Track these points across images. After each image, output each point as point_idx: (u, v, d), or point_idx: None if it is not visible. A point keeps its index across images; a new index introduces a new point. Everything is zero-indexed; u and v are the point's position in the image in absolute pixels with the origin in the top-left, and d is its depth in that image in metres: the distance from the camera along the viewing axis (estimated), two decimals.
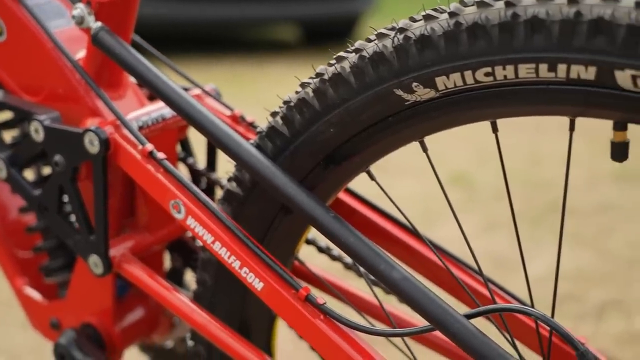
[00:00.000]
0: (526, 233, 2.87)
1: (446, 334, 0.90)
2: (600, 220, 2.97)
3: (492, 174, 3.39)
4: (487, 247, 2.78)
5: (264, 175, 0.99)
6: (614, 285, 2.53)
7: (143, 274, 1.15)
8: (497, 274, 2.63)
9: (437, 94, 0.89)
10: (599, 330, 2.30)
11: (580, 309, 2.41)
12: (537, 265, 2.65)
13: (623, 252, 2.71)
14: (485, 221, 2.97)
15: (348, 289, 1.23)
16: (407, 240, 1.14)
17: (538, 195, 3.19)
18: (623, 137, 0.85)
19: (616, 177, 3.35)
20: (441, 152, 3.61)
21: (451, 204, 0.99)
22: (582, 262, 2.68)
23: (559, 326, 0.87)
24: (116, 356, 1.26)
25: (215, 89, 1.24)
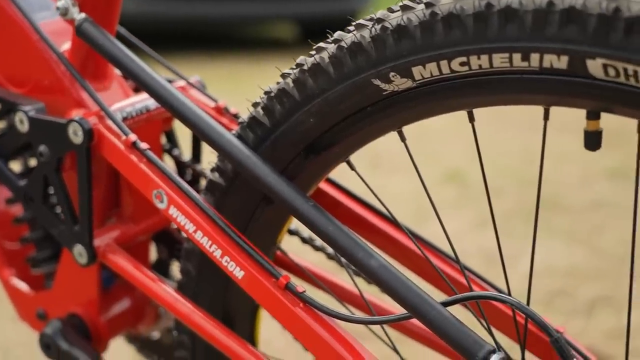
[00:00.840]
0: (519, 229, 2.88)
1: (423, 321, 0.91)
2: (593, 217, 2.98)
3: (487, 172, 3.39)
4: (480, 243, 2.79)
5: (244, 165, 1.00)
6: (605, 281, 2.54)
7: (127, 264, 1.16)
8: (489, 270, 2.65)
9: (414, 84, 0.90)
10: (589, 325, 2.31)
11: (571, 305, 2.42)
12: (529, 261, 2.66)
13: (615, 249, 2.72)
14: (478, 218, 2.98)
15: (330, 278, 1.24)
16: (387, 230, 1.15)
17: (532, 192, 3.19)
18: (596, 126, 0.86)
19: (610, 174, 3.36)
20: (435, 150, 3.63)
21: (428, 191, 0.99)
22: (575, 259, 2.68)
23: (534, 313, 0.88)
24: (102, 346, 1.27)
25: (199, 80, 1.25)
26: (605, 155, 3.52)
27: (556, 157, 3.60)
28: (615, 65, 0.78)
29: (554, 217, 2.98)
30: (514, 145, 3.69)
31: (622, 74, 0.79)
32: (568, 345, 0.87)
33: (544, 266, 2.63)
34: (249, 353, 1.08)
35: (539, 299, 2.45)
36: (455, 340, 0.89)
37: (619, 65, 0.78)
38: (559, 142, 3.68)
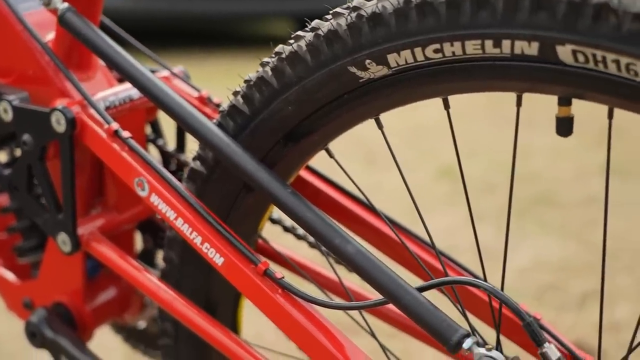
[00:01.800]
0: (512, 225, 2.87)
1: (398, 306, 0.92)
2: (586, 212, 2.99)
3: (481, 167, 3.41)
4: (473, 239, 2.79)
5: (224, 153, 1.01)
6: (596, 276, 2.54)
7: (111, 252, 1.17)
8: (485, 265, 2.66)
9: (389, 71, 0.91)
10: (580, 319, 2.32)
11: (562, 299, 2.43)
12: (522, 256, 2.67)
13: (607, 244, 2.72)
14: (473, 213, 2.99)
15: (312, 267, 1.25)
16: (367, 218, 1.16)
17: (525, 187, 3.20)
18: (567, 112, 0.87)
19: (604, 170, 3.36)
20: (430, 146, 3.63)
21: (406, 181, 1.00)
22: (566, 254, 2.69)
23: (507, 298, 0.89)
24: (87, 335, 1.28)
25: (183, 71, 1.26)
26: (600, 152, 3.52)
27: (551, 153, 3.61)
28: (584, 51, 0.79)
29: (547, 213, 2.99)
30: (510, 142, 3.68)
31: (591, 60, 0.80)
32: (540, 330, 0.87)
33: (536, 261, 2.64)
34: (232, 340, 1.09)
35: (530, 293, 2.46)
36: (430, 325, 0.90)
37: (587, 51, 0.79)
38: (554, 139, 3.69)
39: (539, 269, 2.59)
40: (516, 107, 0.90)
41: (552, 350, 0.87)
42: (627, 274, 2.56)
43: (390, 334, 1.61)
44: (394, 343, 1.78)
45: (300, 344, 0.98)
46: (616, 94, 0.81)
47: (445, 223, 2.86)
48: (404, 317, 1.05)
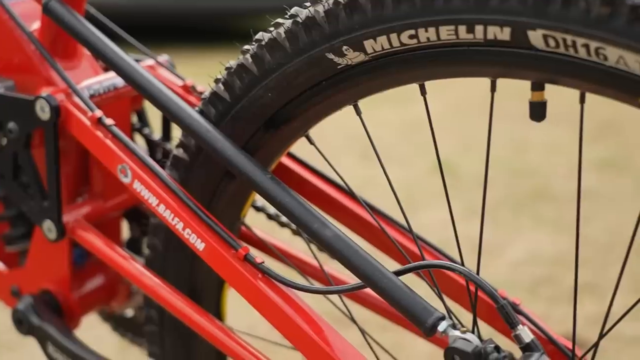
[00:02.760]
0: (508, 219, 2.90)
1: (375, 290, 0.93)
2: (581, 207, 2.99)
3: (476, 162, 3.41)
4: (468, 232, 2.80)
5: (205, 139, 1.02)
6: (589, 269, 2.55)
7: (96, 239, 1.18)
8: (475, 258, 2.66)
9: (366, 57, 0.92)
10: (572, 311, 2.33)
11: (555, 292, 2.44)
12: (517, 250, 2.68)
13: (600, 238, 2.73)
14: (467, 208, 2.99)
15: (295, 253, 1.26)
16: (348, 204, 1.17)
17: (521, 182, 3.21)
18: (540, 97, 0.88)
19: (600, 165, 3.37)
20: (427, 141, 3.64)
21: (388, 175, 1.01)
22: (560, 247, 2.70)
23: (482, 281, 0.90)
24: (74, 322, 1.29)
25: (168, 60, 1.27)
26: (597, 146, 3.53)
27: (547, 148, 3.62)
28: (555, 35, 0.80)
29: (542, 207, 3.00)
30: (505, 137, 3.70)
31: (561, 45, 0.81)
32: (514, 313, 0.89)
33: (530, 255, 2.65)
34: (216, 327, 1.10)
35: (524, 287, 2.47)
36: (406, 308, 0.91)
37: (558, 36, 0.80)
38: (550, 133, 3.70)
39: (533, 262, 2.60)
40: (490, 92, 0.91)
41: (525, 332, 0.89)
42: (620, 267, 2.57)
43: (382, 327, 1.62)
44: (386, 336, 1.79)
45: (280, 328, 0.99)
46: (587, 78, 0.82)
47: (439, 217, 2.87)
48: (381, 301, 1.06)
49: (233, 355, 1.08)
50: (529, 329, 0.89)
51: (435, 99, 0.98)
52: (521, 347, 0.89)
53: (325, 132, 3.62)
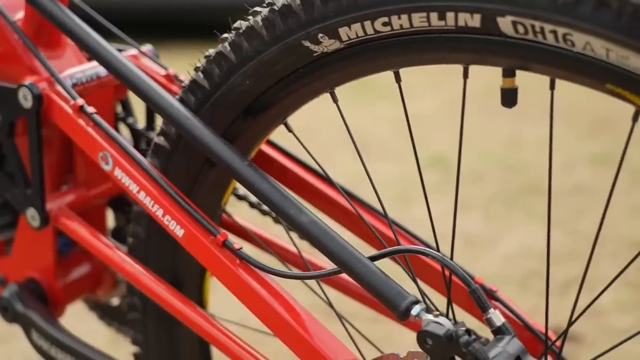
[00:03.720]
0: (500, 213, 2.90)
1: (350, 275, 0.94)
2: (574, 201, 3.00)
3: (471, 157, 3.42)
4: (460, 226, 2.81)
5: (184, 127, 1.03)
6: (580, 263, 2.56)
7: (79, 227, 1.20)
8: (468, 252, 2.68)
9: (342, 45, 0.93)
10: (562, 305, 2.34)
11: (544, 285, 2.44)
12: (508, 244, 2.69)
13: (592, 232, 2.73)
14: (459, 202, 3.01)
15: (275, 241, 1.27)
16: (327, 192, 1.19)
17: (514, 177, 3.22)
18: (511, 83, 0.89)
19: (593, 160, 3.38)
20: (422, 136, 3.65)
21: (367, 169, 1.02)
22: (552, 242, 2.70)
23: (455, 266, 0.91)
24: (59, 310, 1.30)
25: (151, 49, 1.28)
26: (591, 142, 3.54)
27: (540, 143, 3.62)
28: (524, 22, 0.81)
29: (534, 202, 3.01)
30: (500, 133, 3.71)
31: (530, 31, 0.82)
32: (485, 297, 0.90)
33: (521, 248, 2.66)
34: (197, 314, 1.11)
35: (515, 280, 2.49)
36: (380, 292, 0.92)
37: (527, 22, 0.81)
38: (544, 129, 3.70)
39: (524, 256, 2.61)
40: (463, 79, 0.92)
41: (496, 315, 0.90)
42: (611, 261, 2.58)
43: (372, 319, 1.63)
44: (376, 328, 1.81)
45: (257, 313, 1.01)
46: (556, 64, 0.83)
47: (433, 211, 2.88)
48: (357, 286, 1.07)
49: (214, 341, 1.09)
50: (501, 313, 0.90)
51: (430, 95, 0.99)
52: (493, 330, 0.90)
53: (320, 127, 3.64)
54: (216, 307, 1.23)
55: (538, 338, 1.08)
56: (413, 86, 4.09)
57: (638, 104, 0.80)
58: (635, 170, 3.16)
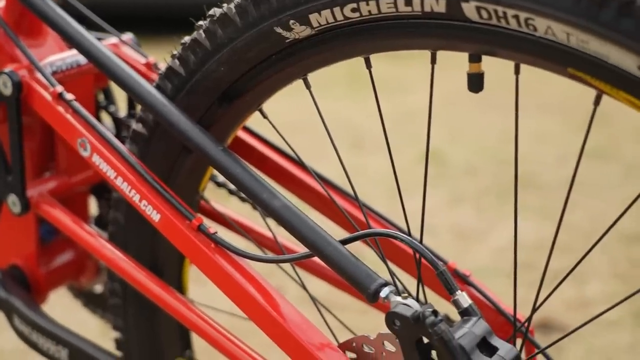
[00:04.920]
0: (493, 206, 2.92)
1: (321, 258, 0.95)
2: (565, 194, 3.02)
3: (464, 152, 3.44)
4: (453, 220, 2.83)
5: (160, 113, 1.05)
6: (570, 255, 2.56)
7: (60, 213, 1.21)
8: (459, 244, 2.69)
9: (313, 31, 0.95)
10: (551, 296, 2.35)
11: (536, 277, 2.44)
12: (500, 237, 2.70)
13: (583, 225, 2.75)
14: (452, 195, 3.02)
15: (253, 227, 1.29)
16: (302, 177, 1.20)
17: (508, 171, 3.23)
18: (477, 68, 0.90)
19: (587, 154, 3.39)
20: (416, 130, 3.66)
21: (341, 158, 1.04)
22: (543, 234, 2.72)
23: (423, 249, 0.92)
24: (41, 297, 1.32)
25: (132, 38, 1.30)
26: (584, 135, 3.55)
27: (535, 137, 3.63)
28: (487, 7, 0.82)
29: (527, 195, 3.02)
30: (494, 127, 3.72)
31: (494, 16, 0.83)
32: (453, 279, 0.91)
33: (512, 240, 2.67)
34: (176, 300, 1.13)
35: (505, 272, 2.50)
36: (351, 275, 0.94)
37: (490, 8, 0.82)
38: (539, 123, 3.72)
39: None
40: (431, 64, 0.93)
41: (463, 297, 0.91)
42: (601, 253, 2.60)
43: (362, 311, 1.65)
44: (366, 319, 1.82)
45: (231, 296, 1.02)
46: (520, 49, 0.84)
47: (426, 205, 2.90)
48: (329, 269, 1.08)
49: (192, 326, 1.11)
50: (470, 297, 0.92)
51: (425, 90, 1.00)
52: (460, 312, 0.91)
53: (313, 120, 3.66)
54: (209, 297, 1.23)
55: (508, 320, 1.09)
56: (408, 81, 4.11)
57: (599, 87, 0.81)
58: (628, 165, 3.18)
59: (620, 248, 2.63)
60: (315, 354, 0.96)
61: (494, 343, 0.89)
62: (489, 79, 0.93)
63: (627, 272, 2.47)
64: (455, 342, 0.87)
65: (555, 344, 0.99)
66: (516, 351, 0.89)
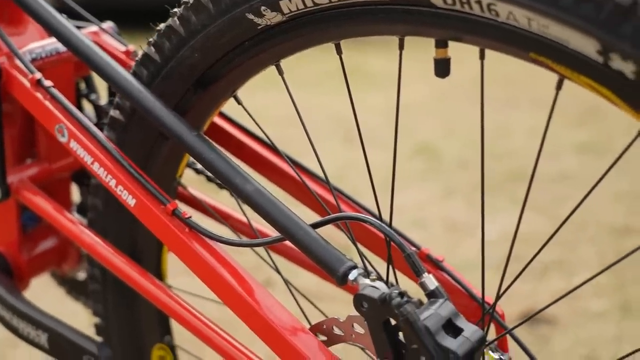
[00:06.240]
0: (485, 200, 2.92)
1: (292, 241, 0.97)
2: (557, 188, 3.03)
3: (457, 145, 3.45)
4: (444, 213, 2.85)
5: (136, 100, 1.06)
6: (559, 247, 2.59)
7: (40, 199, 1.22)
8: (450, 237, 2.70)
9: (284, 18, 0.96)
10: (539, 287, 2.37)
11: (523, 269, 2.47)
12: (491, 230, 2.72)
13: (573, 217, 2.76)
14: (445, 189, 3.04)
15: (230, 213, 1.30)
16: (276, 162, 1.21)
17: (500, 165, 3.25)
18: (444, 54, 0.91)
19: (579, 148, 3.41)
20: (409, 124, 3.67)
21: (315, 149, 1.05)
22: (533, 227, 2.72)
23: (391, 232, 0.93)
24: (23, 283, 1.33)
25: (112, 26, 1.31)
26: (578, 130, 3.57)
27: (528, 132, 3.65)
28: None
29: (519, 189, 3.04)
30: (489, 121, 3.73)
31: (457, 2, 0.84)
32: (420, 262, 0.92)
33: (502, 233, 2.68)
34: (155, 286, 1.14)
35: (494, 264, 2.50)
36: (320, 258, 0.95)
37: None
38: (532, 118, 3.73)
39: (505, 241, 2.64)
40: (399, 49, 0.94)
41: (429, 280, 0.92)
42: (590, 246, 2.62)
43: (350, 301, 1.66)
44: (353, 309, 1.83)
45: (205, 280, 1.03)
46: (484, 34, 0.85)
47: (417, 198, 2.92)
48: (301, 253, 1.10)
49: (170, 312, 1.12)
50: (436, 279, 0.93)
51: (419, 84, 1.01)
52: (426, 294, 0.92)
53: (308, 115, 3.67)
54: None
55: (477, 303, 1.11)
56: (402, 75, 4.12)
57: (560, 72, 0.83)
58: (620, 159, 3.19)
59: (609, 241, 2.65)
60: (287, 336, 0.97)
61: (459, 324, 0.90)
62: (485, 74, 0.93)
63: (616, 265, 2.49)
64: (421, 323, 0.88)
65: (522, 324, 1.00)
66: (481, 332, 0.90)
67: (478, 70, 0.89)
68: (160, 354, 1.28)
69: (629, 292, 2.33)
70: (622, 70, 0.77)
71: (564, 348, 2.11)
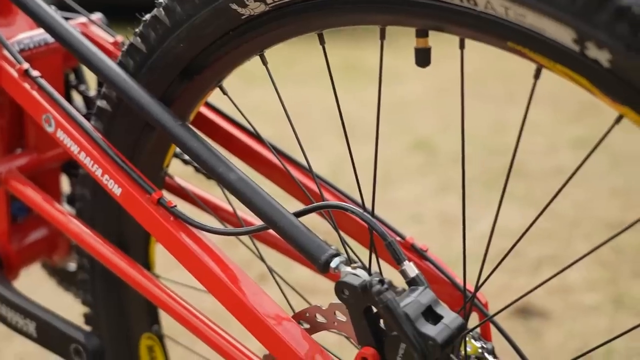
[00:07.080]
0: (480, 194, 2.93)
1: (275, 229, 0.97)
2: (552, 183, 3.03)
3: (454, 141, 3.45)
4: (440, 207, 2.85)
5: (122, 90, 1.07)
6: (553, 242, 2.59)
7: (29, 189, 1.23)
8: (445, 231, 2.71)
9: (267, 8, 0.97)
10: (533, 282, 2.37)
11: (518, 264, 2.47)
12: (483, 224, 2.72)
13: (568, 213, 2.77)
14: (441, 184, 3.04)
15: (216, 202, 1.31)
16: (262, 151, 1.22)
17: (496, 160, 3.25)
18: (424, 43, 0.92)
19: (575, 143, 3.41)
20: (407, 120, 3.68)
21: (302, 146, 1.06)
22: (527, 221, 2.72)
23: (373, 221, 0.94)
24: (13, 274, 1.34)
25: (101, 18, 1.32)
26: (575, 126, 3.57)
27: (526, 127, 3.64)
28: None
29: (513, 183, 3.04)
30: (487, 117, 3.74)
31: None
32: (401, 250, 0.93)
33: (497, 228, 2.69)
34: (142, 276, 1.15)
35: (488, 258, 2.51)
36: (303, 246, 0.96)
37: None
38: (531, 112, 3.72)
39: (499, 235, 2.63)
40: (380, 40, 0.95)
41: (410, 267, 0.93)
42: (585, 241, 2.62)
43: None
44: None
45: (190, 268, 1.04)
46: (463, 24, 0.86)
47: (414, 193, 2.92)
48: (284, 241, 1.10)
49: (157, 302, 1.13)
50: (415, 266, 0.94)
51: (416, 80, 1.01)
52: (407, 281, 0.93)
53: (306, 110, 3.67)
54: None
55: (459, 290, 1.12)
56: (400, 71, 4.12)
57: (538, 61, 0.83)
58: (615, 154, 3.19)
59: (604, 236, 2.64)
60: (270, 324, 0.98)
61: (439, 312, 0.91)
62: (484, 70, 0.94)
63: (609, 259, 2.49)
64: (400, 310, 0.89)
65: (503, 311, 1.00)
66: (461, 320, 0.91)
67: (476, 66, 0.90)
68: (148, 344, 1.29)
69: (622, 285, 2.34)
70: (598, 59, 0.78)
71: (557, 341, 2.11)
